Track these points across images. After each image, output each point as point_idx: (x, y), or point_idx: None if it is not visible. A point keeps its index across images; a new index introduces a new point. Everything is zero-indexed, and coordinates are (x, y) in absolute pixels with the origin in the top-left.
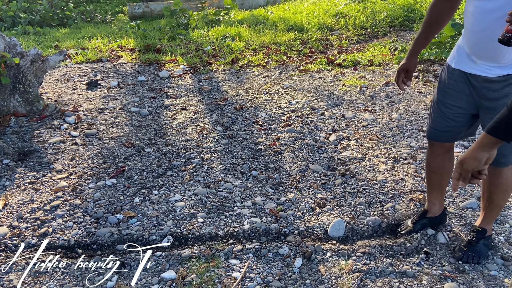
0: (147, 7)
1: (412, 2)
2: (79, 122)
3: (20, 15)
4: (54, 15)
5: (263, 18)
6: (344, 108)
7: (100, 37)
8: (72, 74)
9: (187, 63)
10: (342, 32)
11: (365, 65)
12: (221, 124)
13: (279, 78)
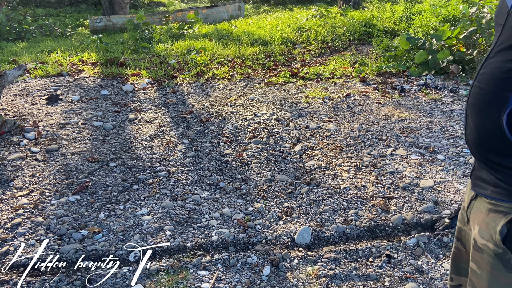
0: (109, 20)
1: (370, 18)
2: (39, 137)
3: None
4: (11, 29)
5: (227, 32)
6: (308, 119)
7: (60, 51)
8: (31, 89)
9: (151, 77)
10: (305, 46)
11: (327, 77)
12: (187, 136)
13: (245, 90)
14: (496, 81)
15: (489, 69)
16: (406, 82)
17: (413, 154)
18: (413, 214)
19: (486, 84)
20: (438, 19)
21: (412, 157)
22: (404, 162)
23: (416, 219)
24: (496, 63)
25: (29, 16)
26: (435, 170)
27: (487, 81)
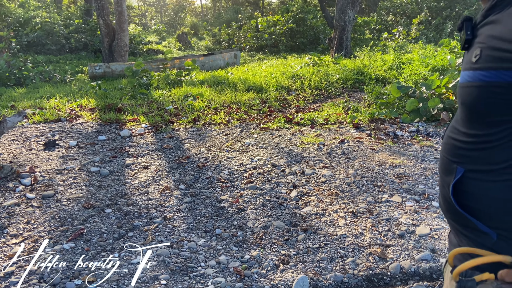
0: (108, 67)
1: (361, 66)
2: (35, 183)
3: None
4: (11, 74)
5: (223, 79)
6: (303, 164)
7: (59, 97)
8: (29, 134)
9: (148, 122)
10: (299, 93)
11: (322, 123)
12: (183, 182)
13: (241, 136)
14: (447, 151)
15: (446, 137)
16: (398, 129)
17: (408, 201)
18: (411, 263)
19: (442, 151)
20: (427, 68)
21: (407, 204)
22: (400, 209)
23: (414, 267)
24: (449, 131)
25: (29, 63)
26: (431, 217)
27: (443, 148)
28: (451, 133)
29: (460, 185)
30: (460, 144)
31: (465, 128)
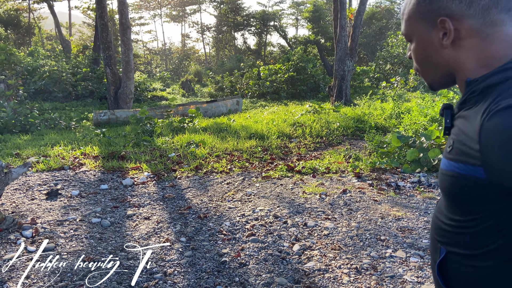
0: (112, 114)
1: (361, 115)
2: (36, 235)
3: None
4: (17, 121)
5: (226, 126)
6: (305, 216)
7: (64, 144)
8: (32, 183)
9: (151, 170)
10: (300, 140)
11: (323, 172)
12: (184, 234)
13: (242, 185)
14: (433, 229)
15: (433, 216)
16: (400, 179)
17: (412, 257)
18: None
19: (430, 229)
20: (426, 118)
21: (411, 260)
22: (404, 265)
23: None
24: (436, 211)
25: (36, 110)
26: None
27: (431, 226)
28: (437, 213)
29: (444, 264)
30: (443, 225)
31: (446, 211)
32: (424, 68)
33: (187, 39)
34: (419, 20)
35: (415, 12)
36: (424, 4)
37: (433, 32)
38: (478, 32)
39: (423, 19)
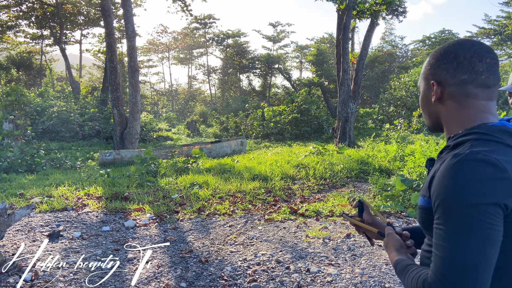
0: (118, 154)
1: (365, 157)
2: (36, 279)
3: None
4: (23, 161)
5: (229, 166)
6: (308, 261)
7: (68, 184)
8: (34, 224)
9: (153, 212)
10: (304, 182)
11: (327, 215)
12: (185, 279)
13: (245, 227)
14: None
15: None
16: (404, 223)
17: None
18: None
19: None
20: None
21: None
22: None
23: None
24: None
25: (42, 150)
26: None
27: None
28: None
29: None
30: (425, 253)
31: (426, 240)
32: (423, 113)
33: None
34: (424, 79)
35: (423, 72)
36: (427, 68)
37: (429, 90)
38: (456, 98)
39: (426, 79)
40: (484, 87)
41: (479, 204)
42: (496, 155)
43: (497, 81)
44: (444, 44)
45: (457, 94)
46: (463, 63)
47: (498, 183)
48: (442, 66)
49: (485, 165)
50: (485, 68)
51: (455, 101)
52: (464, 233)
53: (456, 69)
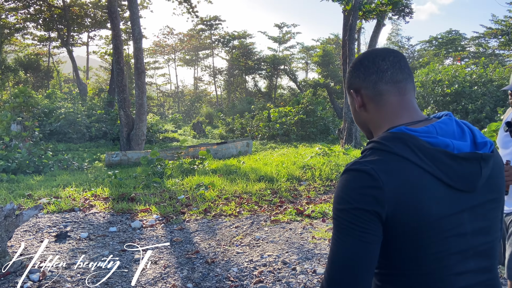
0: (124, 155)
1: None
2: (43, 279)
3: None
4: (30, 162)
5: (235, 168)
6: (315, 262)
7: (75, 185)
8: (42, 225)
9: (160, 213)
10: (310, 183)
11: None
12: (191, 280)
13: (251, 228)
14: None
15: None
16: None
17: None
18: None
19: None
20: None
21: None
22: None
23: None
24: None
25: (50, 151)
26: None
27: None
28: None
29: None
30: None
31: None
32: (359, 127)
33: (199, 82)
34: (347, 92)
35: (346, 86)
36: (346, 82)
37: (352, 100)
38: (373, 99)
39: (347, 91)
40: (393, 82)
41: (347, 209)
42: (374, 165)
43: (406, 75)
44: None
45: (372, 95)
46: (369, 65)
47: (367, 191)
48: (354, 75)
49: (359, 174)
50: (389, 65)
51: (373, 102)
52: (338, 235)
53: (365, 73)
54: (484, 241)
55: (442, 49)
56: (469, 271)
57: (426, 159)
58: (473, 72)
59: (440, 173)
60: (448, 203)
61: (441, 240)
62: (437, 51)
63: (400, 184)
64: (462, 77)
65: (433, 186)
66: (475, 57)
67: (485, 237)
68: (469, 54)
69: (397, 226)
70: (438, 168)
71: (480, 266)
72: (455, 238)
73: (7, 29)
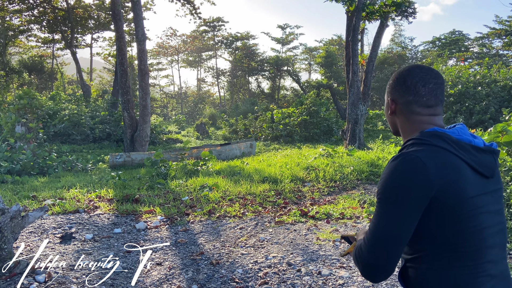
0: (128, 157)
1: (375, 159)
2: (49, 280)
3: (0, 164)
4: (35, 164)
5: (239, 169)
6: (320, 263)
7: (79, 187)
8: (47, 226)
9: (164, 214)
10: (314, 184)
11: (337, 217)
12: (196, 281)
13: (255, 230)
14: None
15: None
16: None
17: None
18: None
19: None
20: None
21: None
22: None
23: None
24: None
25: (54, 152)
26: None
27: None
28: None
29: (404, 271)
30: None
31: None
32: (387, 120)
33: (203, 83)
34: (386, 95)
35: (386, 89)
36: (388, 87)
37: (387, 104)
38: (404, 114)
39: (386, 95)
40: (426, 106)
41: (397, 187)
42: (420, 154)
43: (438, 101)
44: (400, 69)
45: (405, 111)
46: (410, 87)
47: (417, 174)
48: (395, 88)
49: (408, 160)
50: (427, 92)
51: (403, 115)
52: (386, 210)
53: (405, 91)
54: (501, 220)
55: (445, 49)
56: (497, 246)
57: (459, 149)
58: (477, 73)
59: (471, 161)
60: (477, 185)
61: (477, 215)
62: (441, 52)
63: (443, 167)
64: (466, 78)
65: (466, 170)
66: (479, 57)
67: (501, 217)
68: (473, 54)
69: (442, 202)
70: (470, 157)
71: (502, 242)
72: (486, 215)
73: (12, 31)
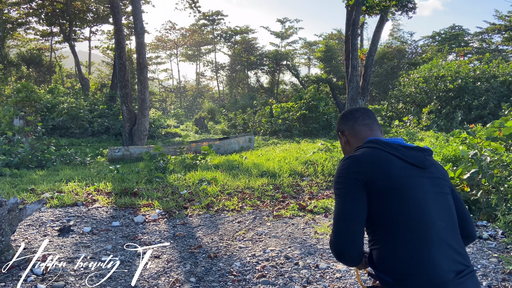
0: (127, 150)
1: None
2: (47, 273)
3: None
4: (33, 157)
5: (238, 163)
6: (317, 257)
7: (78, 180)
8: (45, 219)
9: (162, 207)
10: (312, 179)
11: None
12: (194, 274)
13: (253, 223)
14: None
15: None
16: None
17: None
18: None
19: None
20: (439, 157)
21: None
22: None
23: None
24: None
25: (52, 146)
26: None
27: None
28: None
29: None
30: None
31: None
32: (345, 152)
33: (202, 77)
34: (338, 134)
35: (337, 132)
36: (337, 129)
37: (340, 139)
38: (351, 135)
39: (338, 134)
40: (363, 124)
41: (342, 180)
42: (356, 153)
43: (372, 120)
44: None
45: (352, 133)
46: (349, 116)
47: (354, 168)
48: (341, 123)
49: (348, 159)
50: (361, 115)
51: (352, 137)
52: (338, 199)
53: (346, 121)
54: (444, 201)
55: (445, 44)
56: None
57: (389, 148)
58: (476, 68)
59: (398, 154)
60: (408, 170)
61: (410, 189)
62: (440, 47)
63: (374, 159)
64: (465, 73)
65: (395, 160)
66: (479, 52)
67: (444, 198)
68: (473, 49)
69: (376, 185)
70: (397, 152)
71: (448, 219)
72: (425, 193)
73: (10, 24)
